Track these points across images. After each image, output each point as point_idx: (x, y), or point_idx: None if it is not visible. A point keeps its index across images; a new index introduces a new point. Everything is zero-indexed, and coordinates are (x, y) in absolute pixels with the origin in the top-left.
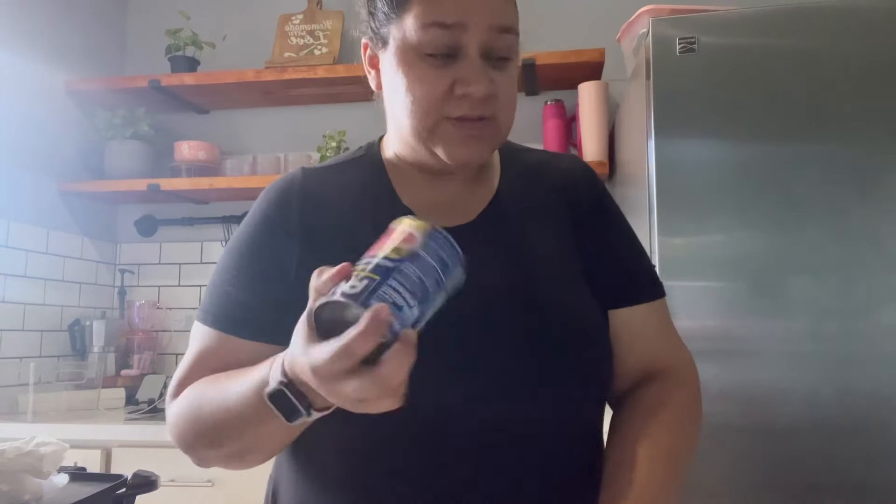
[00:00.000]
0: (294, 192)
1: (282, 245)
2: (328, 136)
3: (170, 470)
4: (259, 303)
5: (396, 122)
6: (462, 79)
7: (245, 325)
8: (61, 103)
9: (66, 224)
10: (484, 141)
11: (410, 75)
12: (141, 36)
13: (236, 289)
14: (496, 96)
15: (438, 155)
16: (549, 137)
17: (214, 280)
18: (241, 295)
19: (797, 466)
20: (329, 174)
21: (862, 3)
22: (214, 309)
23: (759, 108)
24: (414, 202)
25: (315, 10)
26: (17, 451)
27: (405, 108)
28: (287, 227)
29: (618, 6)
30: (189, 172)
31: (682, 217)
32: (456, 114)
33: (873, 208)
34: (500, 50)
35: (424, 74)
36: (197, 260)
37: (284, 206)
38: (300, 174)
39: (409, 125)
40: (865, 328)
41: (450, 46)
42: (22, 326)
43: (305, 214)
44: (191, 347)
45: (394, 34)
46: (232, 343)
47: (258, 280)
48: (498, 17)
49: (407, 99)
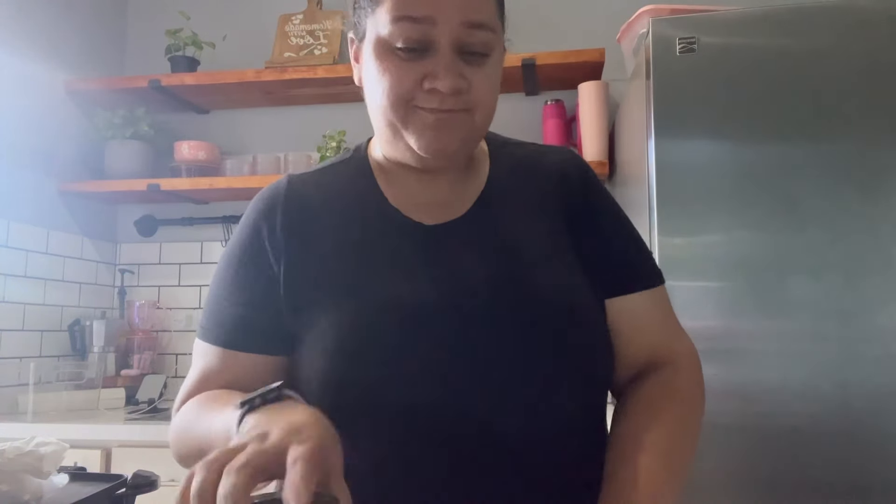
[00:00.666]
0: (279, 200)
1: (269, 254)
2: (328, 136)
3: (170, 470)
4: (253, 315)
5: (373, 115)
6: (430, 73)
7: (241, 339)
8: (61, 103)
9: (66, 224)
10: (454, 130)
11: (381, 67)
12: (141, 36)
13: (230, 302)
14: (467, 91)
15: (413, 147)
16: (549, 137)
17: (210, 295)
18: (235, 309)
19: (797, 466)
20: (315, 178)
21: (862, 3)
22: (210, 325)
23: (759, 108)
24: (400, 201)
25: (315, 10)
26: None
27: (377, 100)
28: (273, 235)
29: (618, 6)
30: (189, 172)
31: (682, 217)
32: (426, 107)
33: (873, 208)
34: (473, 45)
35: (394, 67)
36: (197, 260)
37: (270, 214)
38: (285, 182)
39: (381, 116)
40: (865, 328)
41: (419, 41)
42: (22, 326)
43: (291, 220)
44: (194, 365)
45: (369, 27)
46: (231, 358)
47: (249, 292)
48: (470, 13)
49: (378, 90)
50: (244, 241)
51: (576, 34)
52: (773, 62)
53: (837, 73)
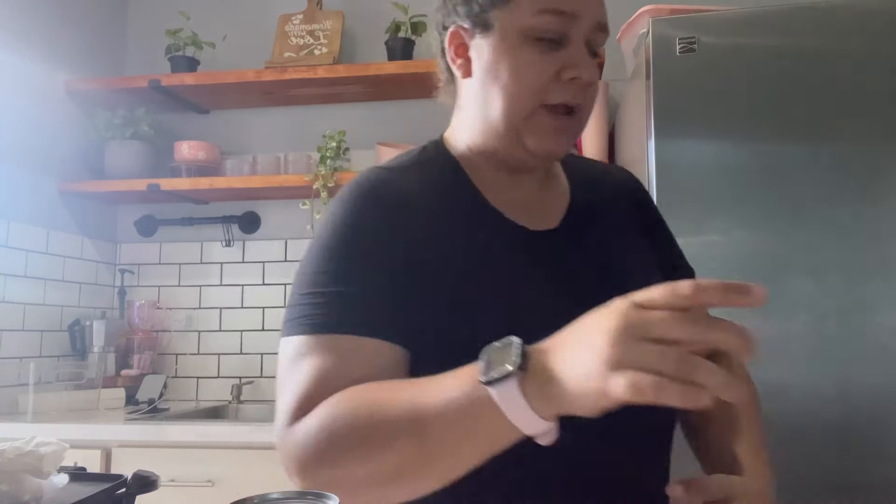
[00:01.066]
0: (385, 194)
1: (388, 245)
2: (328, 136)
3: (170, 470)
4: (376, 302)
5: (485, 109)
6: (570, 64)
7: (369, 324)
8: (61, 103)
9: (66, 224)
10: (568, 136)
11: (518, 58)
12: (141, 36)
13: (352, 290)
14: (595, 87)
15: (526, 145)
16: None
17: (312, 290)
18: (357, 296)
19: (797, 466)
20: (407, 175)
21: (862, 3)
22: (324, 315)
23: (759, 108)
24: (497, 201)
25: (315, 10)
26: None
27: (503, 93)
28: (389, 227)
29: (618, 6)
30: (189, 172)
31: (682, 217)
32: (557, 100)
33: (873, 208)
34: (596, 45)
35: (532, 58)
36: (197, 260)
37: (380, 207)
38: (383, 175)
39: (502, 111)
40: (865, 328)
41: (559, 33)
42: (22, 326)
43: (401, 216)
44: (295, 366)
45: (500, 19)
46: (355, 348)
47: (370, 280)
48: (602, 16)
49: (510, 82)
50: (355, 231)
51: None
52: (773, 62)
53: (837, 73)
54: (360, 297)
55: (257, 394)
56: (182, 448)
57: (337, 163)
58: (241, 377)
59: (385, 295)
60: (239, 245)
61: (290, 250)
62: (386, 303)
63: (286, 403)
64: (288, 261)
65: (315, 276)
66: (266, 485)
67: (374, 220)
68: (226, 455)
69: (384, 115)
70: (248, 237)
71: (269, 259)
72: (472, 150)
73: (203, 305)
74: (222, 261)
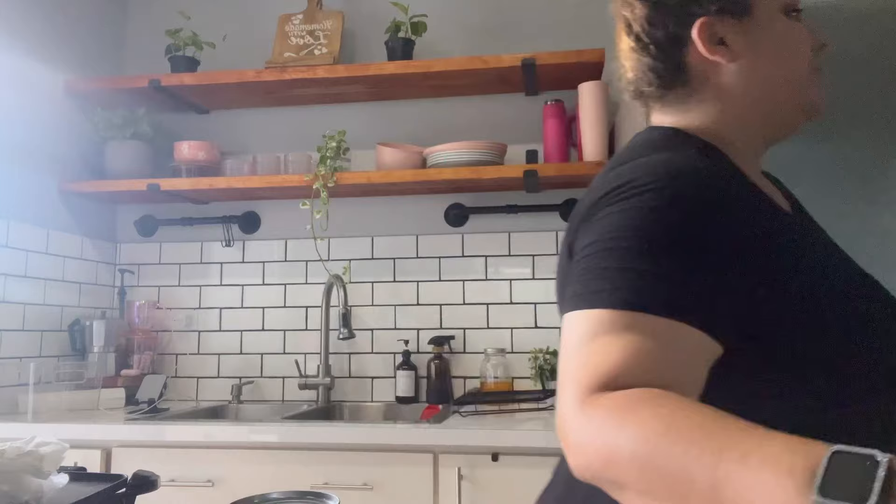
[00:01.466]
0: (714, 173)
1: (727, 223)
2: (328, 136)
3: (170, 470)
4: (707, 289)
5: (763, 85)
6: (818, 31)
7: (695, 312)
8: (61, 103)
9: (67, 224)
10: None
11: (797, 32)
12: (141, 36)
13: (683, 273)
14: None
15: (815, 104)
16: (549, 137)
17: (643, 263)
18: (688, 279)
19: None
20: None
21: (862, 3)
22: (650, 290)
23: None
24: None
25: (315, 10)
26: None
27: (789, 69)
28: (727, 206)
29: None
30: (189, 172)
31: None
32: (816, 63)
33: (873, 208)
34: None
35: (803, 32)
36: (197, 260)
37: (712, 186)
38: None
39: (789, 87)
40: None
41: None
42: (22, 326)
43: (723, 199)
44: (615, 339)
45: (760, 1)
46: (676, 338)
47: (704, 264)
48: None
49: (797, 55)
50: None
51: (576, 34)
52: None
53: (837, 72)
54: (691, 283)
55: (257, 394)
56: (182, 448)
57: (337, 163)
58: (241, 377)
59: (712, 282)
60: (239, 245)
61: (290, 250)
62: (711, 291)
63: (589, 370)
64: (288, 261)
65: (651, 248)
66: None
67: (716, 197)
68: (226, 455)
69: (384, 115)
70: (248, 237)
71: (269, 259)
72: (732, 133)
73: (203, 305)
74: (222, 261)
